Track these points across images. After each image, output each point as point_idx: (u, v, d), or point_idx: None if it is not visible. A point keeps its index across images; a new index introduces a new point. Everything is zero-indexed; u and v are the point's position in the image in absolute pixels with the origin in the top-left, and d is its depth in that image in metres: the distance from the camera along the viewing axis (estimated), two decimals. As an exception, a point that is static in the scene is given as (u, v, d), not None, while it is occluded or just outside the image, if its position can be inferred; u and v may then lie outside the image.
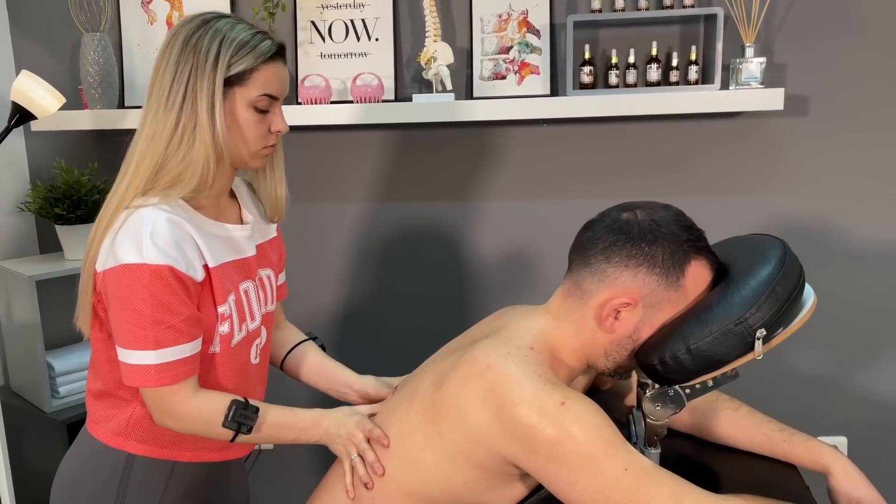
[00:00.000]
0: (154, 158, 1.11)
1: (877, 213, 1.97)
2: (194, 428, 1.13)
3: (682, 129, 1.99)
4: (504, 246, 2.12)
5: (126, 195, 1.11)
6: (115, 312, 1.08)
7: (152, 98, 1.13)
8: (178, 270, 1.07)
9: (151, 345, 1.06)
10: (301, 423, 1.18)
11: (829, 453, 1.20)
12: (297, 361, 1.40)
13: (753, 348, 1.00)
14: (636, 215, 1.08)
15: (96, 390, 1.21)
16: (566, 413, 0.98)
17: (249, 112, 1.14)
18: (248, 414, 1.12)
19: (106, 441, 1.18)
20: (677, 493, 0.97)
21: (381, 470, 1.11)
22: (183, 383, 1.09)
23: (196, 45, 1.11)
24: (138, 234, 1.06)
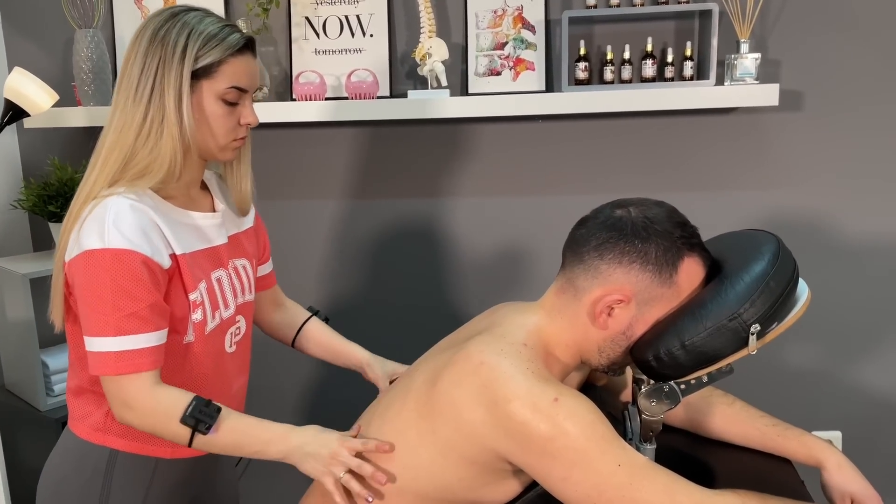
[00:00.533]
0: (122, 151, 1.12)
1: (870, 207, 1.97)
2: (152, 423, 1.09)
3: (677, 125, 1.99)
4: (498, 242, 2.12)
5: (94, 187, 1.12)
6: (80, 300, 1.08)
7: (121, 91, 1.14)
8: (143, 254, 1.07)
9: (112, 331, 1.05)
10: (265, 434, 1.12)
11: (822, 448, 1.21)
12: (307, 341, 1.44)
13: (748, 343, 1.00)
14: (629, 212, 1.08)
15: (74, 387, 1.21)
16: (560, 409, 0.98)
17: (218, 105, 1.15)
18: (208, 412, 1.08)
19: (87, 438, 1.18)
20: (671, 489, 0.97)
21: (384, 479, 1.08)
22: (143, 374, 1.07)
23: (164, 38, 1.12)
24: (101, 220, 1.06)
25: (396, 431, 1.11)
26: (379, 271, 2.18)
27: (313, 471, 1.11)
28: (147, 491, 1.20)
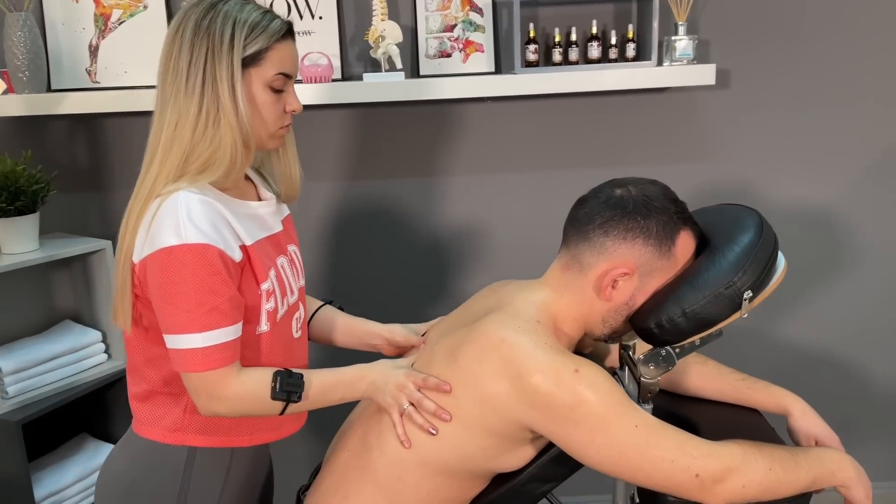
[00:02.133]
0: (181, 145, 1.11)
1: (791, 175, 2.15)
2: (243, 408, 1.12)
3: (618, 103, 2.10)
4: (454, 220, 2.18)
5: (157, 184, 1.10)
6: (159, 299, 1.07)
7: (168, 84, 1.12)
8: (219, 248, 1.07)
9: (196, 327, 1.05)
10: (345, 380, 1.19)
11: (788, 397, 1.35)
12: (322, 326, 1.44)
13: (741, 308, 1.11)
14: (629, 191, 1.16)
15: (140, 392, 1.20)
16: (580, 379, 1.06)
17: (266, 93, 1.15)
18: (294, 382, 1.13)
19: (162, 440, 1.17)
20: (682, 443, 1.07)
21: (448, 415, 1.12)
22: (229, 367, 1.09)
23: (209, 29, 1.11)
24: (175, 216, 1.06)
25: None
26: (337, 253, 2.19)
27: (383, 402, 1.18)
28: (224, 484, 1.21)
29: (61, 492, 1.90)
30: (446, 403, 1.14)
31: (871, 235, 2.20)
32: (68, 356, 1.92)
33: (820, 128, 2.12)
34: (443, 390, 1.13)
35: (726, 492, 1.07)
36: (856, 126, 2.12)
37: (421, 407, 1.14)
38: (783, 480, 1.09)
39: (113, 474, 1.23)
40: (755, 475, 1.07)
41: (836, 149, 2.14)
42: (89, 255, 1.97)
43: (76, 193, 2.13)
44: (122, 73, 2.04)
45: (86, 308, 2.06)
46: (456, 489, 1.19)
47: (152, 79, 2.02)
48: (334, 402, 1.19)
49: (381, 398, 1.18)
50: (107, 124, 2.10)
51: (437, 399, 1.14)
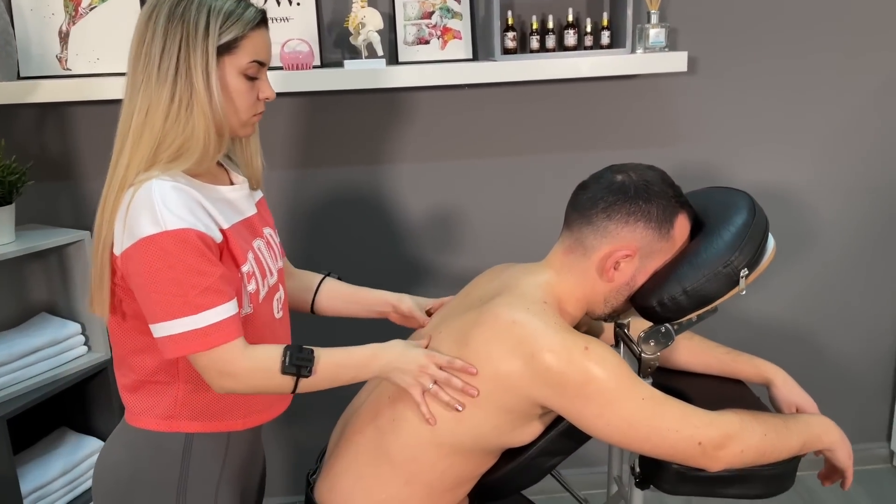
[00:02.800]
0: (153, 133, 1.10)
1: (756, 157, 2.25)
2: (255, 383, 1.13)
3: (589, 89, 2.15)
4: (434, 205, 2.21)
5: (129, 172, 1.10)
6: (146, 289, 1.07)
7: (139, 71, 1.12)
8: (199, 231, 1.08)
9: (192, 310, 1.06)
10: (358, 359, 1.19)
11: (770, 368, 1.43)
12: (328, 299, 1.46)
13: (738, 285, 1.18)
14: (630, 176, 1.21)
15: (129, 383, 1.20)
16: (590, 357, 1.11)
17: (240, 80, 1.16)
18: (304, 356, 1.13)
19: (157, 428, 1.18)
20: (685, 413, 1.14)
21: (475, 391, 1.15)
22: (233, 342, 1.09)
23: (183, 16, 1.11)
24: (150, 204, 1.06)
25: (435, 388, 1.20)
26: (312, 240, 2.20)
27: (402, 383, 1.18)
28: (222, 468, 1.22)
29: (46, 486, 1.88)
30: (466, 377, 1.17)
31: (829, 214, 2.32)
32: (49, 349, 1.90)
33: (781, 112, 2.22)
34: (469, 372, 1.15)
35: (726, 457, 1.14)
36: (815, 110, 2.23)
37: (448, 385, 1.16)
38: (777, 445, 1.17)
39: (110, 467, 1.23)
40: (752, 441, 1.15)
41: (797, 132, 2.24)
42: (66, 247, 1.94)
43: (47, 183, 2.09)
44: (95, 59, 1.99)
45: (62, 300, 2.03)
46: (469, 466, 1.24)
47: (125, 66, 2.00)
48: (345, 381, 1.19)
49: (400, 378, 1.19)
50: (78, 112, 2.06)
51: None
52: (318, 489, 1.30)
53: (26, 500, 1.81)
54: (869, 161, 2.29)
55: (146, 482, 1.20)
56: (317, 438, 2.25)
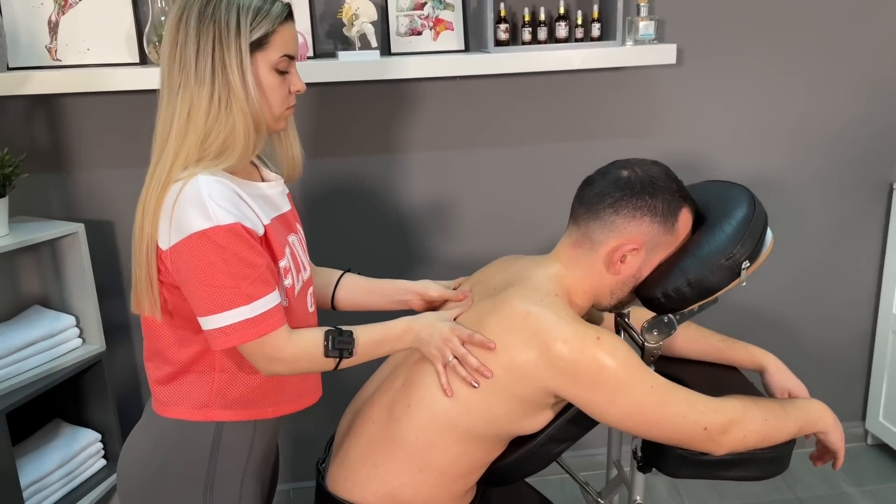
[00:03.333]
0: (197, 132, 1.13)
1: (739, 146, 2.31)
2: (301, 366, 1.19)
3: (578, 81, 2.19)
4: (426, 195, 2.23)
5: (172, 171, 1.12)
6: (196, 282, 1.09)
7: (175, 74, 1.14)
8: (246, 226, 1.11)
9: (244, 300, 1.09)
10: (393, 333, 1.24)
11: (763, 355, 1.49)
12: (349, 293, 1.48)
13: (739, 277, 1.23)
14: (635, 172, 1.25)
15: (163, 376, 1.21)
16: (602, 347, 1.15)
17: (272, 75, 1.17)
18: (344, 339, 1.19)
19: (190, 418, 1.20)
20: (691, 400, 1.18)
21: (489, 372, 1.18)
22: (281, 329, 1.13)
23: (214, 16, 1.12)
24: (200, 200, 1.08)
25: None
26: (311, 229, 2.21)
27: (427, 353, 1.24)
28: (247, 461, 1.24)
29: (44, 478, 1.88)
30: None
31: (807, 203, 2.39)
32: (44, 342, 1.89)
33: (763, 103, 2.28)
34: (488, 348, 1.19)
35: (730, 441, 1.19)
36: (796, 101, 2.29)
37: (465, 362, 1.20)
38: (776, 429, 1.22)
39: (138, 460, 1.25)
40: (753, 425, 1.20)
41: (778, 123, 2.30)
42: (59, 239, 1.93)
43: (37, 174, 2.06)
44: (85, 50, 1.97)
45: (55, 292, 2.02)
46: (480, 452, 1.27)
47: (117, 56, 1.99)
48: (382, 354, 1.26)
49: (426, 349, 1.23)
50: (69, 103, 2.04)
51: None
52: (330, 478, 1.33)
53: (25, 492, 1.82)
54: (846, 152, 2.36)
55: (174, 476, 1.22)
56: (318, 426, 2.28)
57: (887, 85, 2.31)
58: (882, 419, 2.55)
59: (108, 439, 2.06)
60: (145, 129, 1.96)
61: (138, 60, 1.99)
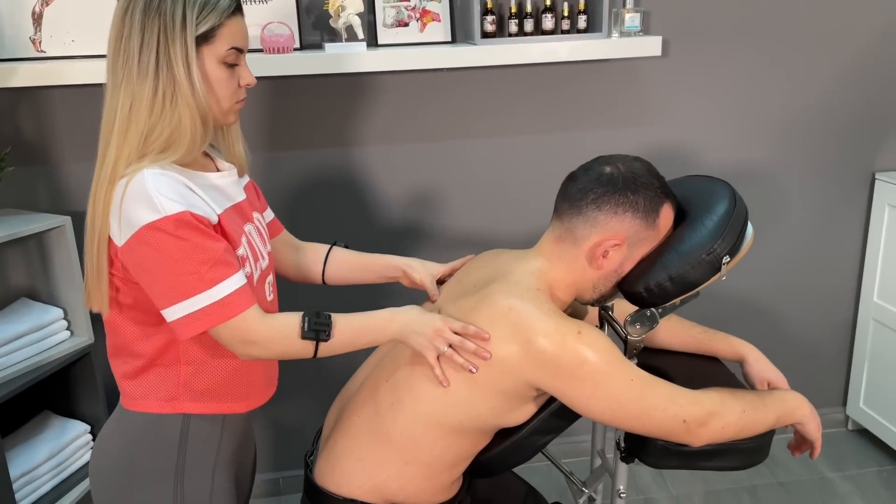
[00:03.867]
0: (139, 127, 1.12)
1: (722, 136, 2.33)
2: (277, 349, 1.17)
3: (563, 72, 2.20)
4: (410, 186, 2.24)
5: (118, 166, 1.12)
6: (155, 274, 1.09)
7: (119, 67, 1.13)
8: (196, 213, 1.11)
9: (204, 286, 1.09)
10: (376, 323, 1.22)
11: (743, 345, 1.51)
12: (337, 267, 1.49)
13: (719, 272, 1.25)
14: (618, 168, 1.27)
15: (130, 371, 1.22)
16: (583, 341, 1.17)
17: (220, 69, 1.17)
18: (322, 321, 1.16)
19: (158, 411, 1.21)
20: (671, 393, 1.21)
21: (488, 354, 1.19)
22: (249, 310, 1.13)
23: (160, 9, 1.12)
24: (145, 193, 1.08)
25: (431, 374, 1.24)
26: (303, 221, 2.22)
27: (417, 345, 1.22)
28: (218, 451, 1.25)
29: (34, 470, 1.89)
30: (459, 370, 1.23)
31: (788, 192, 2.41)
32: (33, 335, 1.89)
33: (746, 94, 2.30)
34: (482, 338, 1.19)
35: (708, 433, 1.22)
36: (779, 91, 2.31)
37: (462, 348, 1.19)
38: (755, 420, 1.25)
39: (107, 455, 1.26)
40: (732, 417, 1.22)
41: (761, 113, 2.32)
42: (46, 232, 1.93)
43: (21, 167, 2.06)
44: (70, 41, 1.97)
45: (42, 285, 2.02)
46: (465, 445, 1.29)
47: (101, 47, 1.97)
48: (364, 345, 1.22)
49: (416, 340, 1.21)
50: (54, 95, 2.03)
51: (450, 369, 1.22)
52: (317, 471, 1.35)
53: (15, 484, 1.83)
54: (829, 143, 2.38)
55: (144, 469, 1.23)
56: (307, 416, 2.30)
57: (870, 76, 2.34)
58: (862, 405, 2.59)
59: (96, 430, 2.07)
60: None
61: (123, 52, 1.98)
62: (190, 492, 1.24)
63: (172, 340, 1.19)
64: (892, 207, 2.38)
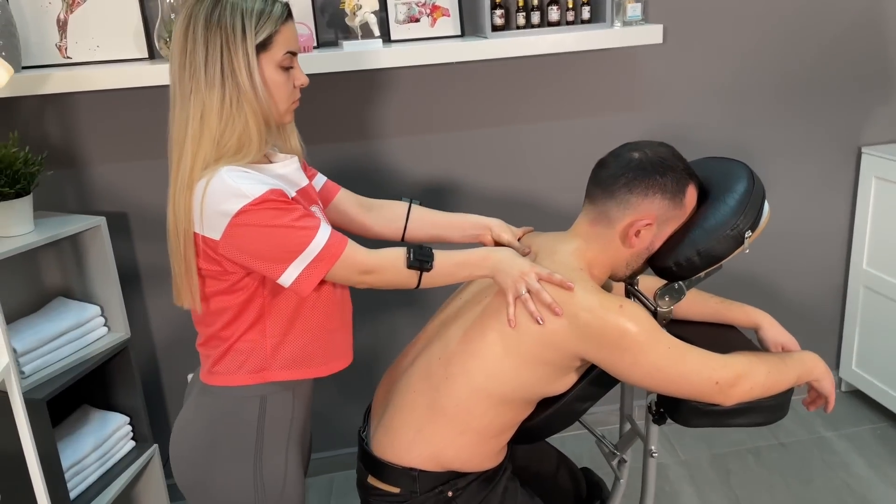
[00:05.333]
0: (211, 133, 1.21)
1: (718, 117, 2.44)
2: (388, 277, 1.27)
3: (564, 61, 2.29)
4: (429, 176, 2.33)
5: (194, 171, 1.21)
6: (260, 249, 1.19)
7: (185, 80, 1.22)
8: (276, 189, 1.20)
9: (307, 238, 1.20)
10: (472, 259, 1.32)
11: (758, 313, 1.63)
12: (419, 226, 1.58)
13: (742, 245, 1.36)
14: (645, 153, 1.37)
15: (218, 353, 1.31)
16: (624, 314, 1.28)
17: (278, 73, 1.26)
18: (424, 252, 1.28)
19: (248, 382, 1.31)
20: (703, 358, 1.32)
21: (560, 310, 1.27)
22: (349, 246, 1.24)
23: (220, 22, 1.21)
24: (228, 187, 1.18)
25: (484, 348, 1.35)
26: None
27: (503, 283, 1.31)
28: (290, 431, 1.36)
29: (81, 461, 1.97)
30: (510, 344, 1.33)
31: (778, 168, 2.54)
32: (73, 332, 1.97)
33: (739, 74, 2.41)
34: (567, 287, 1.28)
35: (738, 393, 1.33)
36: (770, 69, 2.43)
37: (538, 297, 1.28)
38: (778, 380, 1.36)
39: (189, 441, 1.35)
40: (759, 378, 1.34)
41: (752, 91, 2.44)
42: (81, 233, 1.99)
43: (52, 170, 2.12)
44: (95, 47, 2.03)
45: (77, 283, 2.09)
46: (513, 414, 1.40)
47: (126, 52, 2.05)
48: (461, 278, 1.33)
49: (503, 278, 1.30)
50: (79, 99, 2.09)
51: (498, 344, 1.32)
52: (375, 444, 1.44)
53: (65, 474, 1.90)
54: (817, 119, 2.51)
55: (225, 453, 1.32)
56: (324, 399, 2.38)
57: (856, 52, 2.46)
58: (855, 367, 2.74)
59: (136, 422, 2.15)
60: (155, 123, 2.04)
61: (147, 55, 2.05)
62: (268, 471, 1.34)
63: (257, 320, 1.28)
64: (878, 179, 2.51)
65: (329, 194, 1.57)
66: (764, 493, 2.37)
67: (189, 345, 2.40)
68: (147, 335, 2.32)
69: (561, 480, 1.70)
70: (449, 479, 1.39)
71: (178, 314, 2.29)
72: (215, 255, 1.23)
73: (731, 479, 2.45)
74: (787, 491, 2.37)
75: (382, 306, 2.43)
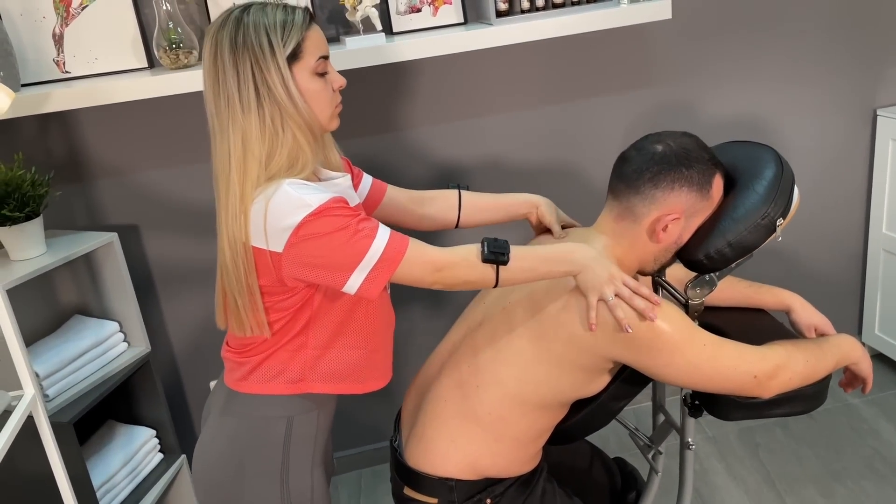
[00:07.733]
0: (255, 157, 1.17)
1: (727, 90, 2.39)
2: (461, 273, 1.20)
3: (572, 41, 2.24)
4: (438, 166, 2.30)
5: (245, 198, 1.16)
6: (323, 258, 1.14)
7: (221, 109, 1.18)
8: (340, 198, 1.17)
9: (368, 241, 1.15)
10: (553, 255, 1.24)
11: (788, 295, 1.60)
12: (472, 212, 1.56)
13: (775, 232, 1.32)
14: (669, 146, 1.33)
15: (261, 357, 1.29)
16: (657, 314, 1.25)
17: (314, 80, 1.22)
18: (500, 245, 1.20)
19: (280, 392, 1.29)
20: (739, 351, 1.29)
21: (654, 316, 1.21)
22: (412, 244, 1.18)
23: (245, 43, 1.16)
24: (291, 199, 1.13)
25: (514, 355, 1.32)
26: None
27: (586, 283, 1.23)
28: (314, 448, 1.34)
29: (112, 478, 1.97)
30: (541, 349, 1.30)
31: (792, 135, 2.50)
32: (94, 350, 1.95)
33: (749, 45, 2.36)
34: (654, 301, 1.23)
35: (777, 385, 1.31)
36: (779, 43, 2.37)
37: (630, 302, 1.22)
38: (816, 367, 1.34)
39: (214, 459, 1.33)
40: (797, 367, 1.31)
41: (764, 60, 2.39)
42: (95, 250, 1.97)
43: (58, 188, 2.09)
44: (93, 59, 1.98)
45: (93, 300, 2.07)
46: (547, 419, 1.38)
47: (126, 62, 2.00)
48: (543, 274, 1.24)
49: (589, 277, 1.23)
50: (80, 114, 2.05)
51: (528, 350, 1.31)
52: (409, 454, 1.43)
53: (98, 492, 1.90)
54: (832, 84, 2.46)
55: (252, 472, 1.30)
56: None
57: (870, 14, 2.40)
58: (878, 332, 2.72)
59: (162, 434, 2.14)
60: (159, 132, 2.00)
61: (147, 65, 2.00)
62: (295, 489, 1.32)
63: (301, 331, 1.26)
64: (895, 142, 2.47)
65: (378, 193, 1.54)
66: (794, 465, 2.36)
67: (209, 352, 2.40)
68: (167, 346, 2.30)
69: (596, 474, 1.69)
70: (486, 487, 1.38)
71: (195, 322, 2.27)
72: (276, 268, 1.18)
73: (760, 452, 2.44)
74: (817, 461, 2.36)
75: (401, 304, 2.41)
